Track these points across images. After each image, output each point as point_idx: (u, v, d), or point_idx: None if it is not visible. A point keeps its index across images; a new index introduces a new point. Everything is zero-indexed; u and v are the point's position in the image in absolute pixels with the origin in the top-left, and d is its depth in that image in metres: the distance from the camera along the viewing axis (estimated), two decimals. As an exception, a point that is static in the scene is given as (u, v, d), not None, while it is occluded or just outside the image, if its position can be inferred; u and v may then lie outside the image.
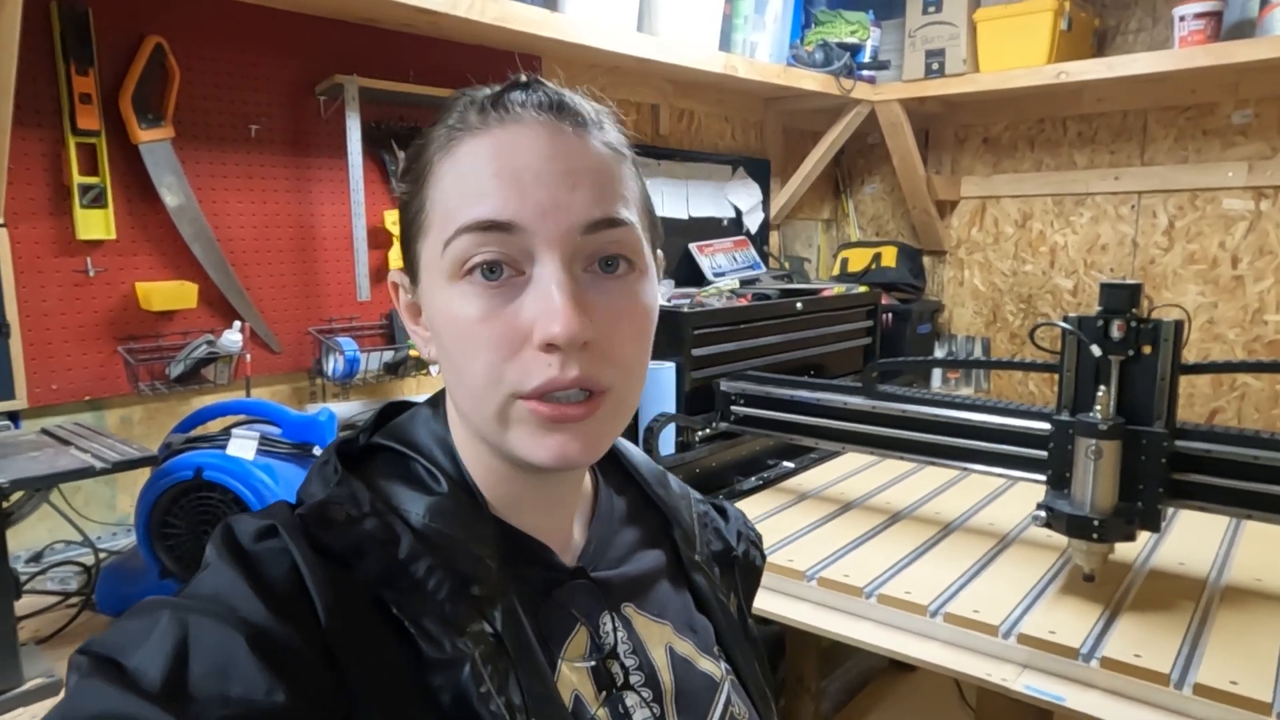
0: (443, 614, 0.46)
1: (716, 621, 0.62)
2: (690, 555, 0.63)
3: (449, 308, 0.48)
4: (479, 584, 0.48)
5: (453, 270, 0.47)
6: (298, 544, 0.44)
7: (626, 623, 0.56)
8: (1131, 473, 1.04)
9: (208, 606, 0.41)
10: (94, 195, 1.27)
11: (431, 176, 0.49)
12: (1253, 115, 2.13)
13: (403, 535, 0.47)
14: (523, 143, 0.47)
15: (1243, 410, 2.21)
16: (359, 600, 0.45)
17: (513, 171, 0.46)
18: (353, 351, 1.52)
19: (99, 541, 1.23)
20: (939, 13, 2.28)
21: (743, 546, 0.69)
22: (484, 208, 0.46)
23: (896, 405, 1.30)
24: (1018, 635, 0.97)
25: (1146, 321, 1.04)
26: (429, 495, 0.50)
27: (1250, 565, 1.16)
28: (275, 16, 1.42)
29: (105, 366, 1.30)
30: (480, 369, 0.47)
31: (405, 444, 0.54)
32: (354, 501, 0.48)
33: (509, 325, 0.46)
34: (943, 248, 2.69)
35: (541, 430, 0.47)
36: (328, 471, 0.51)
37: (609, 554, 0.58)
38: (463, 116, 0.49)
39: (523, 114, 0.48)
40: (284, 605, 0.42)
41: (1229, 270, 2.21)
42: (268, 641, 0.40)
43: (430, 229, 0.49)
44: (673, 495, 0.65)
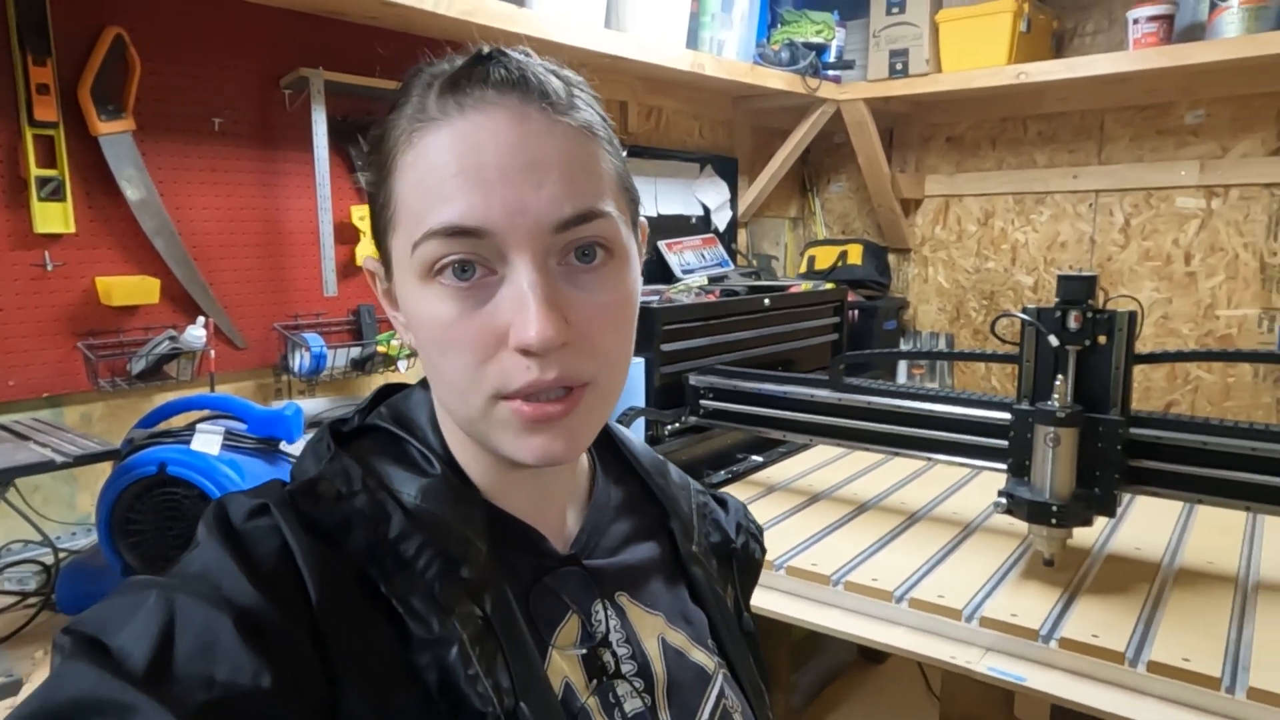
0: (431, 594, 0.45)
1: (711, 614, 0.61)
2: (688, 547, 0.62)
3: (422, 308, 0.47)
4: (469, 566, 0.47)
5: (422, 271, 0.46)
6: (288, 521, 0.44)
7: (620, 612, 0.55)
8: (1089, 460, 1.07)
9: (195, 586, 0.41)
10: (52, 188, 1.24)
11: (395, 169, 0.47)
12: (1204, 115, 2.20)
13: (393, 513, 0.47)
14: (485, 135, 0.44)
15: (1196, 403, 2.28)
16: (347, 577, 0.44)
17: (477, 169, 0.44)
18: (319, 347, 1.51)
19: (59, 541, 1.21)
20: (902, 14, 2.32)
21: (742, 539, 0.68)
22: (449, 212, 0.44)
23: (863, 398, 1.32)
24: (980, 619, 1.00)
25: (1102, 312, 1.07)
26: (421, 476, 0.50)
27: (1202, 548, 1.20)
28: (240, 8, 1.41)
29: (64, 363, 1.28)
30: (459, 369, 0.46)
31: (399, 424, 0.53)
32: (345, 478, 0.48)
33: (484, 327, 0.45)
34: (907, 245, 2.73)
35: (525, 430, 0.46)
36: (320, 449, 0.51)
37: (603, 543, 0.57)
38: (421, 103, 0.46)
39: (484, 97, 0.45)
40: (272, 584, 0.41)
41: (1182, 267, 2.27)
42: (255, 622, 0.40)
43: (399, 226, 0.47)
44: (672, 485, 0.64)
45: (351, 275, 1.62)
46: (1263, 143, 2.13)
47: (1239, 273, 2.19)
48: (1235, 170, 2.16)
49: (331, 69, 1.47)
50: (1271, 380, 2.16)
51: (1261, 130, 2.13)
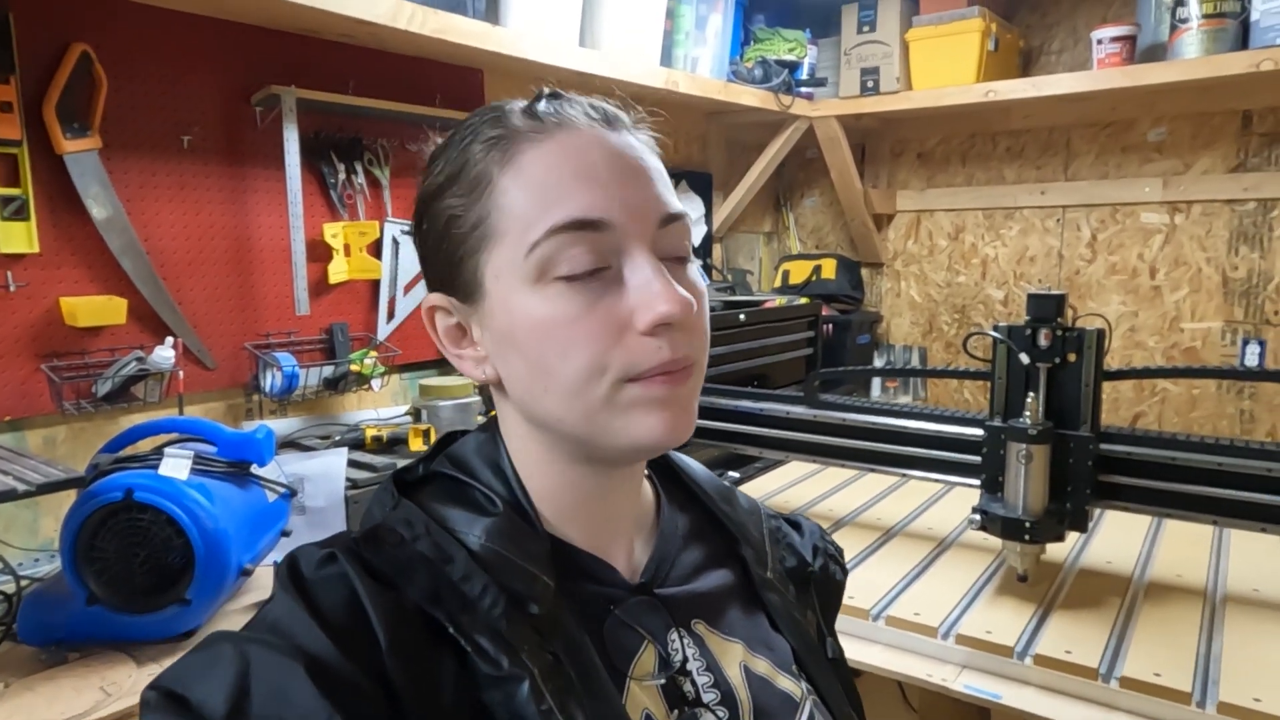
0: (498, 631, 0.45)
1: (793, 641, 0.59)
2: (762, 573, 0.60)
3: (537, 311, 0.48)
4: (535, 602, 0.47)
5: (538, 273, 0.47)
6: (354, 568, 0.45)
7: (698, 640, 0.54)
8: (1060, 475, 1.08)
9: (268, 638, 0.42)
10: (15, 207, 1.22)
11: (491, 188, 0.49)
12: (1166, 133, 2.25)
13: (456, 555, 0.48)
14: (587, 144, 0.49)
15: (1163, 414, 2.32)
16: (413, 621, 0.45)
17: (590, 171, 0.48)
18: (291, 367, 1.49)
19: (20, 568, 1.18)
20: (873, 32, 2.35)
21: (819, 561, 0.66)
22: (572, 207, 0.47)
23: (837, 414, 1.32)
24: (956, 636, 1.00)
25: (1071, 330, 1.08)
26: (484, 516, 0.50)
27: (1171, 561, 1.22)
28: (209, 25, 1.39)
29: (27, 385, 1.25)
30: (580, 363, 0.47)
31: (462, 469, 0.54)
32: (407, 524, 0.49)
33: (608, 317, 0.47)
34: (880, 260, 2.76)
35: (655, 406, 0.48)
36: (385, 498, 0.52)
37: (674, 572, 0.56)
38: (506, 129, 0.50)
39: (571, 116, 0.50)
40: (342, 631, 0.42)
41: (1148, 280, 2.32)
42: (326, 669, 0.41)
43: (502, 237, 0.48)
44: (740, 511, 0.63)
45: (323, 293, 1.60)
46: (1223, 159, 2.18)
47: (1202, 286, 2.24)
48: (1197, 186, 2.21)
49: (304, 86, 1.46)
50: (1235, 392, 2.21)
51: (1222, 147, 2.18)
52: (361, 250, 1.62)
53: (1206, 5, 1.88)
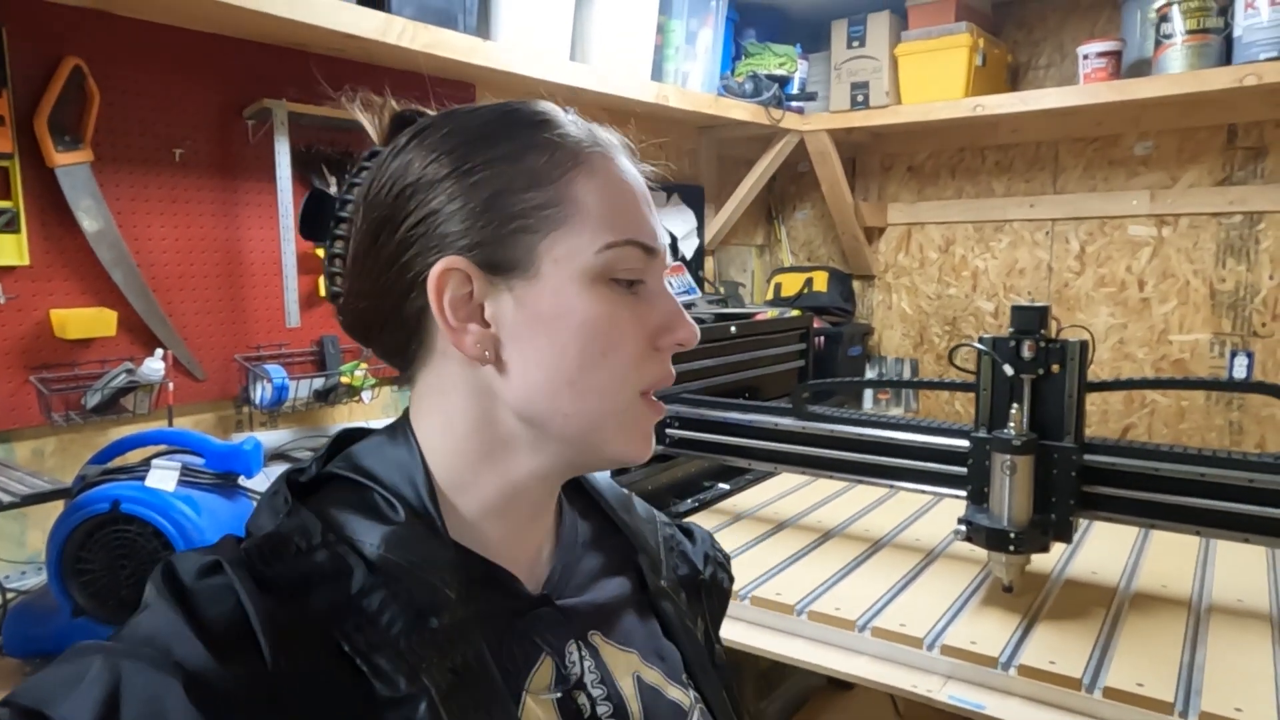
0: (397, 649, 0.44)
1: (684, 649, 0.61)
2: (656, 582, 0.61)
3: (590, 307, 0.50)
4: (437, 615, 0.46)
5: (603, 272, 0.50)
6: (242, 580, 0.42)
7: (593, 651, 0.55)
8: (1044, 486, 1.09)
9: (142, 650, 0.39)
10: (6, 219, 1.22)
11: (566, 178, 0.50)
12: (1153, 147, 2.27)
13: (355, 567, 0.46)
14: (637, 177, 0.54)
15: (1153, 426, 2.33)
16: (307, 638, 0.43)
17: (649, 204, 0.54)
18: (281, 379, 1.49)
19: (7, 581, 1.18)
20: (862, 47, 2.37)
21: (710, 569, 0.68)
22: (644, 232, 0.52)
23: (825, 426, 1.33)
24: (941, 647, 1.01)
25: (1055, 342, 1.09)
26: (385, 524, 0.48)
27: (1156, 572, 1.22)
28: (201, 39, 1.40)
29: (15, 397, 1.25)
30: (619, 365, 0.51)
31: (361, 472, 0.51)
32: (303, 533, 0.46)
33: (643, 327, 0.52)
34: (871, 272, 2.78)
35: (647, 425, 0.53)
36: (277, 502, 0.49)
37: (573, 581, 0.57)
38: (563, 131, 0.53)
39: (617, 147, 0.55)
40: (226, 647, 0.40)
41: (1136, 293, 2.33)
42: (206, 687, 0.38)
43: (574, 227, 0.50)
44: (638, 519, 0.64)
45: (314, 306, 1.61)
46: (1209, 173, 2.20)
47: (1190, 299, 2.25)
48: (1184, 200, 2.23)
49: (295, 100, 1.47)
50: (1223, 404, 2.22)
51: (1207, 161, 2.20)
52: (353, 263, 1.63)
53: (1190, 21, 1.90)
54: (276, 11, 1.24)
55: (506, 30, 1.61)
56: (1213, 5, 1.89)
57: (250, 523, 0.50)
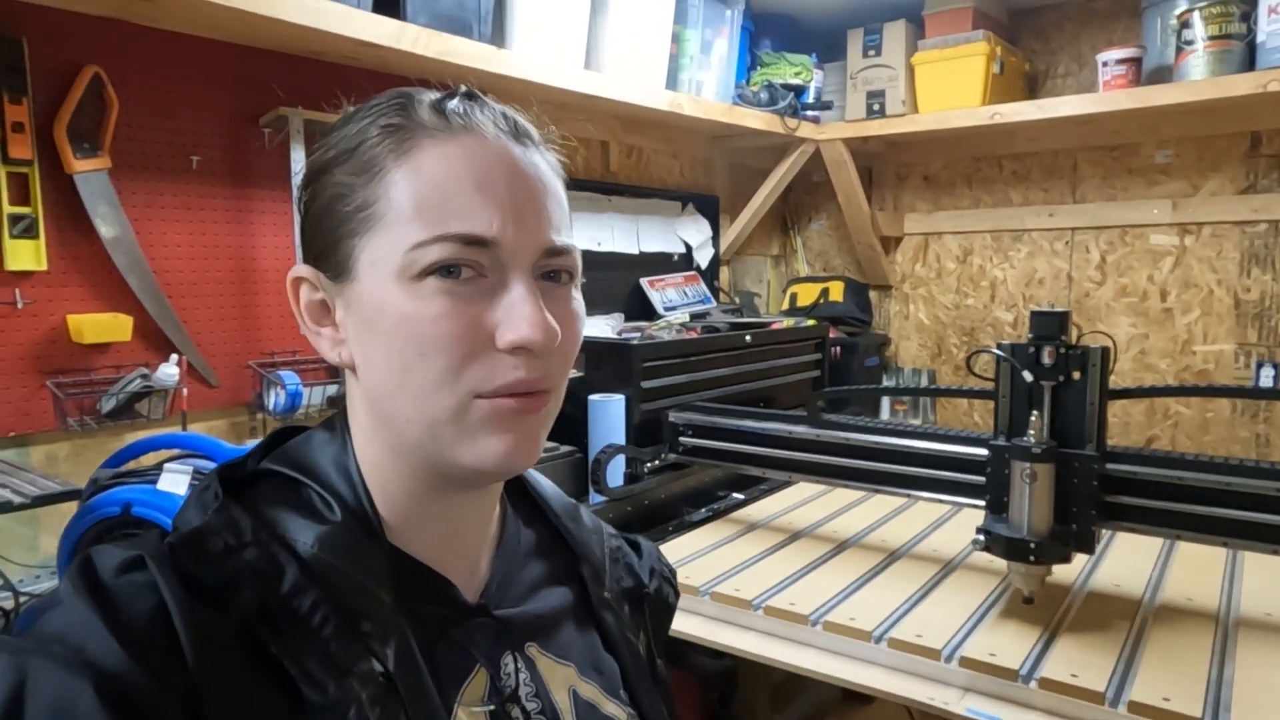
0: (327, 653, 0.43)
1: (624, 662, 0.59)
2: (599, 593, 0.61)
3: (403, 306, 0.46)
4: (370, 620, 0.45)
5: (414, 270, 0.46)
6: (165, 577, 0.41)
7: (529, 664, 0.53)
8: (1065, 496, 1.07)
9: (52, 649, 0.37)
10: (25, 226, 1.23)
11: (382, 174, 0.47)
12: (1173, 155, 2.24)
13: (287, 566, 0.44)
14: (491, 156, 0.48)
15: (1176, 438, 2.29)
16: (231, 640, 0.41)
17: (488, 187, 0.47)
18: (295, 385, 1.49)
19: (20, 584, 1.18)
20: (878, 56, 2.36)
21: (655, 583, 0.67)
22: (468, 223, 0.46)
23: (841, 434, 1.31)
24: (959, 658, 0.98)
25: (1075, 348, 1.07)
26: (320, 524, 0.47)
27: (1182, 585, 1.19)
28: (218, 48, 1.42)
29: (30, 401, 1.26)
30: (437, 367, 0.46)
31: (298, 468, 0.50)
32: (233, 530, 0.45)
33: (472, 324, 0.47)
34: (888, 282, 2.76)
35: (498, 428, 0.47)
36: (207, 497, 0.47)
37: (513, 590, 0.56)
38: (407, 116, 0.48)
39: (478, 121, 0.49)
40: (143, 647, 0.38)
41: (1158, 303, 2.30)
42: (120, 689, 0.36)
43: (386, 226, 0.47)
44: (583, 530, 0.63)
45: (329, 312, 1.61)
46: (1231, 181, 2.17)
47: (1214, 309, 2.22)
48: (1206, 208, 2.20)
49: (310, 108, 1.47)
50: (1249, 415, 2.18)
51: (1229, 169, 2.17)
52: (367, 270, 1.63)
53: (1212, 27, 1.88)
54: (292, 19, 1.25)
55: (521, 38, 1.62)
56: (1235, 11, 1.86)
57: (177, 517, 0.48)
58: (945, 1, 2.25)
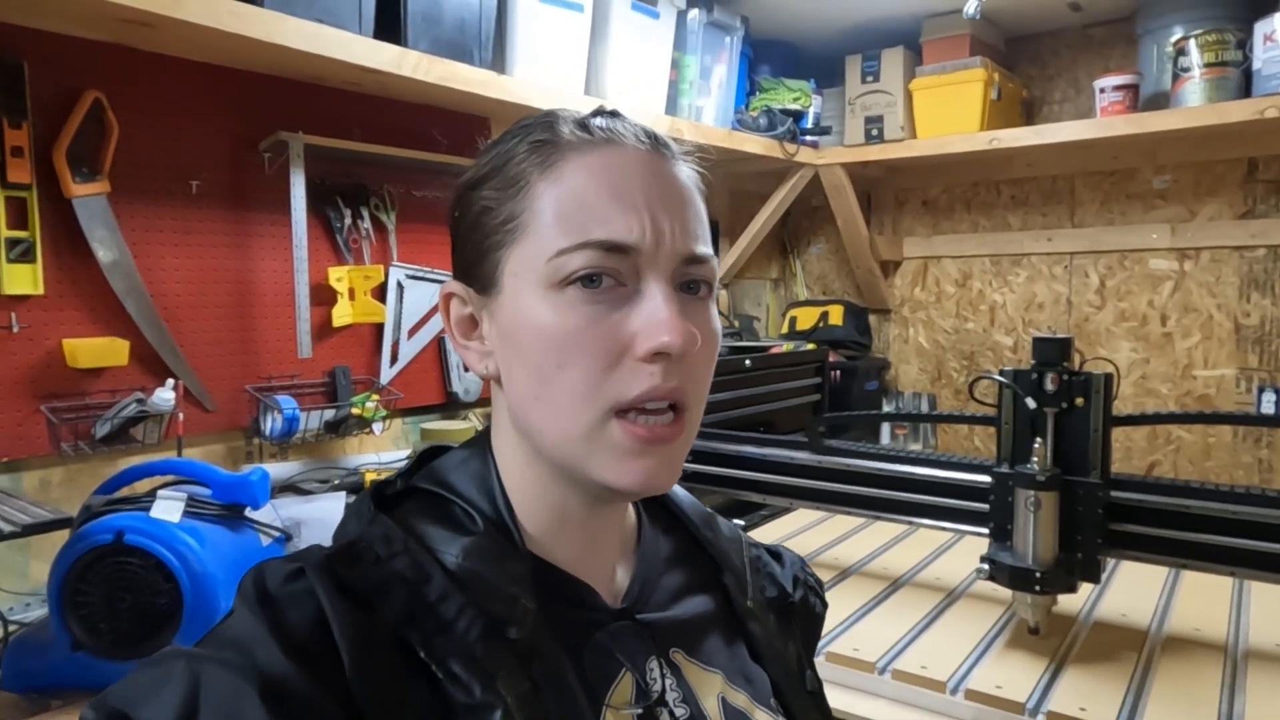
0: (473, 657, 0.44)
1: (773, 673, 0.59)
2: (743, 602, 0.60)
3: (543, 316, 0.48)
4: (515, 626, 0.46)
5: (557, 278, 0.47)
6: (323, 585, 0.43)
7: (675, 669, 0.53)
8: (1070, 524, 1.05)
9: (223, 655, 0.40)
10: (22, 249, 1.23)
11: (528, 188, 0.49)
12: (1171, 180, 2.25)
13: (434, 574, 0.46)
14: (629, 164, 0.50)
15: (1178, 463, 2.27)
16: (384, 643, 0.43)
17: (629, 195, 0.48)
18: (291, 410, 1.48)
19: (10, 613, 1.16)
20: (877, 82, 2.38)
21: (800, 592, 0.66)
22: (609, 229, 0.47)
23: (842, 460, 1.30)
24: (965, 691, 0.96)
25: (1078, 374, 1.06)
26: (464, 535, 0.49)
27: (1189, 615, 1.18)
28: (219, 73, 1.42)
29: (24, 426, 1.24)
30: (576, 378, 0.47)
31: (442, 485, 0.53)
32: (385, 541, 0.47)
33: (611, 333, 0.47)
34: (887, 306, 2.76)
35: (631, 453, 0.48)
36: (362, 511, 0.50)
37: (655, 596, 0.56)
38: (553, 135, 0.50)
39: (619, 134, 0.51)
40: (304, 651, 0.40)
41: (1159, 327, 2.29)
42: (282, 692, 0.39)
43: (529, 238, 0.49)
44: (722, 538, 0.63)
45: (327, 337, 1.60)
46: (1230, 206, 2.18)
47: (1214, 333, 2.21)
48: (1205, 233, 2.20)
49: (311, 133, 1.48)
50: (1252, 440, 2.17)
51: (1227, 194, 2.18)
52: (366, 294, 1.63)
53: (1208, 54, 1.89)
54: (293, 44, 1.26)
55: (521, 64, 1.62)
56: (1231, 39, 1.88)
57: (337, 532, 0.52)
58: (943, 29, 2.27)
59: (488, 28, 1.55)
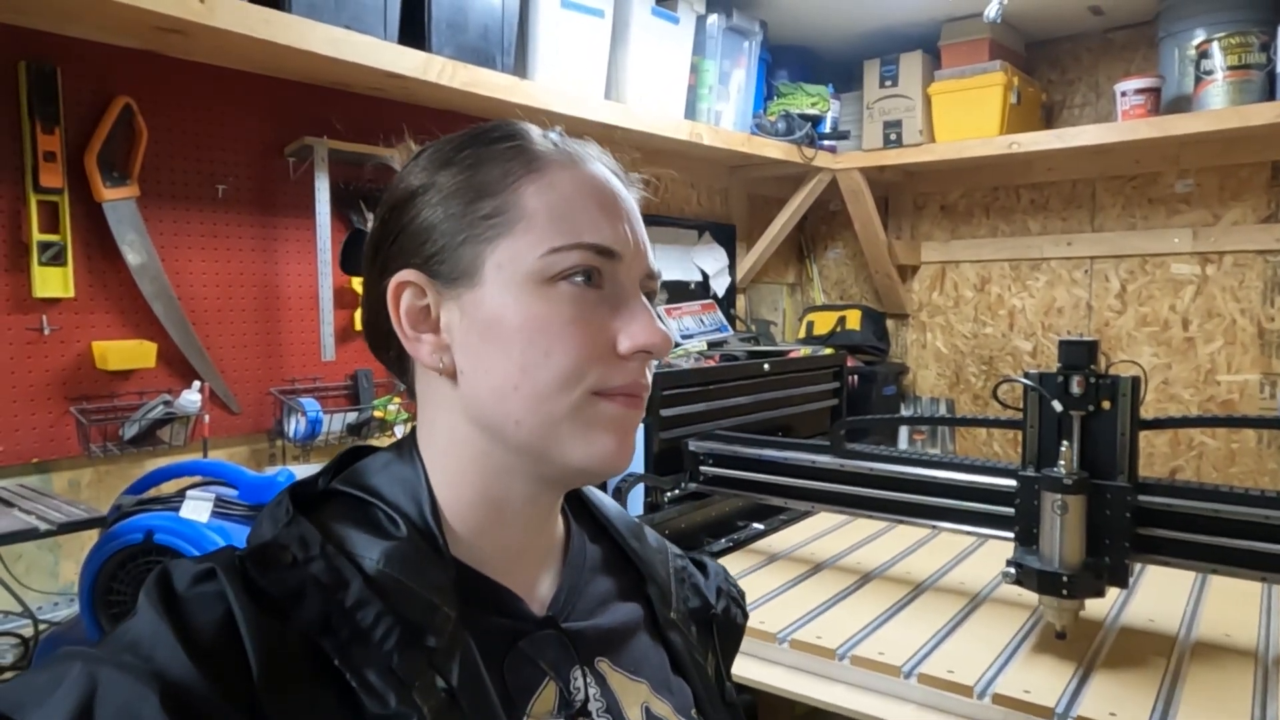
0: (389, 666, 0.43)
1: (694, 684, 0.59)
2: (666, 613, 0.60)
3: (532, 307, 0.49)
4: (434, 634, 0.45)
5: (548, 274, 0.49)
6: (234, 587, 0.41)
7: (600, 679, 0.53)
8: (1097, 528, 1.05)
9: (124, 658, 0.38)
10: (54, 253, 1.25)
11: (516, 186, 0.51)
12: (1194, 184, 2.23)
13: (352, 580, 0.45)
14: (604, 186, 0.53)
15: (1201, 469, 2.25)
16: (295, 650, 0.42)
17: (612, 208, 0.52)
18: (315, 412, 1.50)
19: (40, 611, 1.17)
20: (895, 86, 2.38)
21: (722, 604, 0.66)
22: (601, 235, 0.51)
23: (865, 464, 1.30)
24: (993, 695, 0.96)
25: (1105, 377, 1.06)
26: (386, 540, 0.47)
27: (1218, 620, 1.16)
28: (246, 79, 1.44)
29: (55, 427, 1.26)
30: (562, 367, 0.49)
31: (364, 489, 0.51)
32: (301, 544, 0.46)
33: (599, 328, 0.50)
34: (905, 311, 2.75)
35: (610, 428, 0.50)
36: (279, 513, 0.49)
37: (581, 604, 0.55)
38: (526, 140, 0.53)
39: (590, 157, 0.55)
40: (210, 656, 0.39)
41: (1180, 332, 2.27)
42: (184, 698, 0.37)
43: (519, 233, 0.50)
44: (648, 549, 0.63)
45: (349, 339, 1.61)
46: (1253, 210, 2.16)
47: (1237, 338, 2.19)
48: (1228, 237, 2.19)
49: (335, 138, 1.49)
50: (1276, 446, 2.14)
51: (1251, 198, 2.16)
52: (388, 297, 1.64)
53: (1231, 57, 1.88)
54: (320, 50, 1.27)
55: (543, 69, 1.64)
56: (1254, 41, 1.87)
57: (251, 533, 0.50)
58: (962, 33, 2.26)
59: (510, 33, 1.56)
